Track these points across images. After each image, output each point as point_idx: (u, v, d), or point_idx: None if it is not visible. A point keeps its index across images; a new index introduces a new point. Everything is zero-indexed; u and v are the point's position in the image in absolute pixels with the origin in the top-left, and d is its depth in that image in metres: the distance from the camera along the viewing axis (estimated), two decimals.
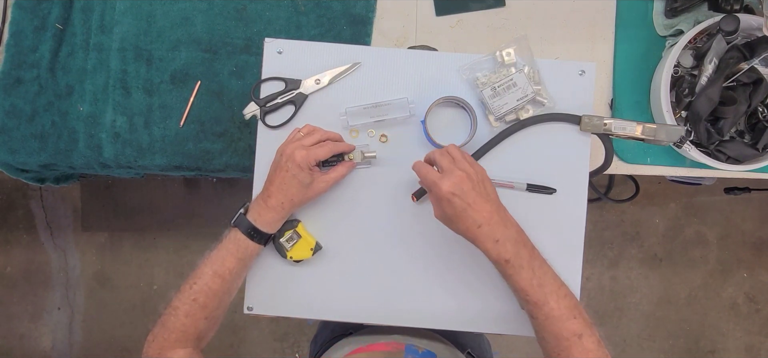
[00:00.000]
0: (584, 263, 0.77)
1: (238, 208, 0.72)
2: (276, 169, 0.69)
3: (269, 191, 0.69)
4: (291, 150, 0.68)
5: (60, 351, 1.96)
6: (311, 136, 0.70)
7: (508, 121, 0.77)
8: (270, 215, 0.69)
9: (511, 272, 0.63)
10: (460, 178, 0.62)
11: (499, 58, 0.77)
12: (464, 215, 0.62)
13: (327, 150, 0.69)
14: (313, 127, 0.73)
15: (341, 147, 0.73)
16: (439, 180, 0.62)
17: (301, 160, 0.67)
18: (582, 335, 0.61)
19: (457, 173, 0.62)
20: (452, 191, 0.61)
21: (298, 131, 0.72)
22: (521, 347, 1.83)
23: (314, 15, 0.96)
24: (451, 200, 0.62)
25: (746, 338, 1.94)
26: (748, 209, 1.94)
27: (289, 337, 1.94)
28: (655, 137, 0.73)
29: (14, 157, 0.97)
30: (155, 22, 0.96)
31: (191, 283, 0.68)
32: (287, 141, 0.72)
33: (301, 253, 0.75)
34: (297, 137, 0.71)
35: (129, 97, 0.96)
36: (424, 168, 0.66)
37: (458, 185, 0.62)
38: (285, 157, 0.68)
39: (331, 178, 0.72)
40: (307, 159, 0.67)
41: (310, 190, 0.71)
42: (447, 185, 0.62)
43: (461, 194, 0.62)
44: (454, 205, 0.62)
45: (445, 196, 0.62)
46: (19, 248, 1.96)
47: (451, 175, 0.62)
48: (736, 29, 0.82)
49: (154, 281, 1.94)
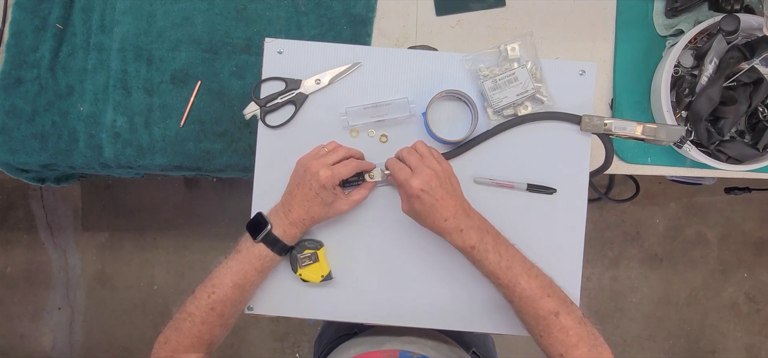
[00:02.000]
0: (584, 263, 0.77)
1: (257, 220, 0.70)
2: (299, 184, 0.69)
3: (291, 206, 0.69)
4: (316, 168, 0.68)
5: (60, 351, 1.96)
6: (335, 154, 0.70)
7: (506, 116, 0.77)
8: (294, 231, 0.70)
9: (479, 258, 0.65)
10: (429, 175, 0.65)
11: (504, 52, 0.77)
12: (432, 210, 0.65)
13: (350, 169, 0.70)
14: (337, 144, 0.73)
15: (364, 165, 0.73)
16: (409, 178, 0.65)
17: (325, 180, 0.67)
18: (558, 313, 0.63)
19: (426, 171, 0.65)
20: (421, 188, 0.64)
21: (322, 148, 0.72)
22: (521, 347, 1.83)
23: (314, 15, 0.96)
24: (420, 197, 0.64)
25: (746, 338, 1.94)
26: (748, 209, 1.94)
27: (290, 337, 1.94)
28: (656, 137, 0.73)
29: (15, 157, 0.97)
30: (155, 22, 0.96)
31: (209, 292, 0.68)
32: (310, 156, 0.71)
33: (312, 276, 0.75)
34: (321, 154, 0.71)
35: (129, 97, 0.96)
36: (395, 165, 0.68)
37: (427, 182, 0.64)
38: (309, 175, 0.68)
39: (354, 200, 0.73)
40: (331, 179, 0.67)
41: (332, 209, 0.71)
42: (417, 182, 0.64)
43: (430, 191, 0.64)
44: (423, 201, 0.65)
45: (414, 193, 0.64)
46: (19, 248, 1.96)
47: (421, 173, 0.65)
48: (737, 29, 0.82)
49: (154, 280, 1.94)
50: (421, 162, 0.66)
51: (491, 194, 0.77)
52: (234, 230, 1.93)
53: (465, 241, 0.65)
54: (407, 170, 0.66)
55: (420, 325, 0.77)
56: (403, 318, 0.77)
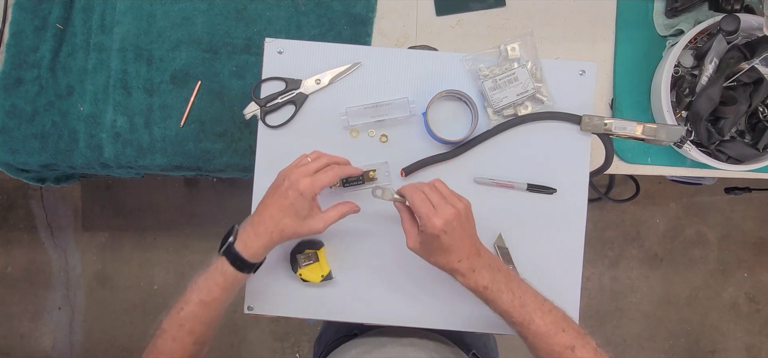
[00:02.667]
0: (584, 263, 0.77)
1: (228, 233, 0.67)
2: (274, 193, 0.65)
3: (262, 216, 0.65)
4: (296, 176, 0.63)
5: (60, 351, 1.96)
6: (318, 162, 0.66)
7: (506, 116, 0.77)
8: (258, 244, 0.64)
9: (492, 297, 0.63)
10: (452, 214, 0.62)
11: (504, 52, 0.77)
12: (449, 251, 0.62)
13: (332, 176, 0.65)
14: (321, 152, 0.69)
15: (349, 170, 0.69)
16: (431, 215, 0.61)
17: (305, 188, 0.63)
18: (574, 347, 0.61)
19: (449, 210, 0.62)
20: (443, 229, 0.61)
21: (306, 157, 0.68)
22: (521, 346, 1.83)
23: (314, 15, 0.96)
24: (439, 237, 0.61)
25: (747, 338, 1.94)
26: (748, 209, 1.94)
27: (290, 337, 1.94)
28: (656, 137, 0.73)
29: (15, 157, 0.97)
30: (156, 22, 0.96)
31: (178, 308, 0.65)
32: (292, 165, 0.67)
33: (312, 276, 0.75)
34: (303, 162, 0.67)
35: (129, 97, 0.96)
36: (418, 196, 0.63)
37: (450, 222, 0.61)
38: (287, 183, 0.63)
39: (329, 218, 0.67)
40: (311, 188, 0.63)
41: (305, 225, 0.65)
42: (440, 222, 0.61)
43: (451, 231, 0.61)
44: (442, 241, 0.61)
45: (436, 232, 0.61)
46: (19, 248, 1.96)
47: (444, 212, 0.61)
48: (737, 29, 0.82)
49: (154, 280, 1.94)
50: (444, 200, 0.63)
51: (491, 194, 0.77)
52: None
53: (478, 282, 0.63)
54: (430, 206, 0.62)
55: (420, 325, 0.77)
56: (404, 318, 0.77)
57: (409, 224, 0.66)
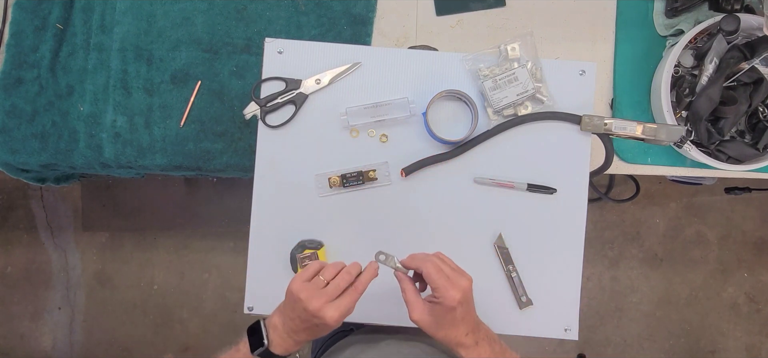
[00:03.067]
0: (584, 263, 0.77)
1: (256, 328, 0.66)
2: (303, 320, 0.62)
3: (295, 329, 0.64)
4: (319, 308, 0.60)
5: (61, 351, 1.96)
6: (336, 287, 0.62)
7: (506, 115, 0.77)
8: (296, 348, 0.66)
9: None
10: (466, 288, 0.61)
11: (504, 52, 0.77)
12: (460, 324, 0.62)
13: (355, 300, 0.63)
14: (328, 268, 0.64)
15: (367, 282, 0.64)
16: (450, 288, 0.60)
17: (336, 321, 0.61)
18: None
19: (463, 283, 0.61)
20: (460, 301, 0.60)
21: (318, 276, 0.63)
22: (521, 347, 1.83)
23: (315, 15, 0.96)
24: (456, 309, 0.60)
25: (747, 338, 1.94)
26: (748, 209, 1.94)
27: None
28: (656, 137, 0.73)
29: (15, 157, 0.97)
30: (156, 22, 0.96)
31: None
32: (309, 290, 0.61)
33: None
34: (317, 283, 0.62)
35: (129, 97, 0.96)
36: (433, 267, 0.62)
37: (465, 294, 0.61)
38: (311, 314, 0.60)
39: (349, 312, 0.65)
40: (340, 319, 0.61)
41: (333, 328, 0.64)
42: (458, 295, 0.60)
43: (465, 304, 0.61)
44: (456, 314, 0.61)
45: (453, 304, 0.60)
46: (19, 248, 1.96)
47: (458, 285, 0.61)
48: (737, 29, 0.82)
49: (154, 280, 1.94)
50: (456, 273, 0.62)
51: (491, 194, 0.77)
52: (234, 229, 1.93)
53: (480, 354, 0.63)
54: (446, 278, 0.61)
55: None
56: (404, 318, 0.77)
57: (413, 295, 0.63)
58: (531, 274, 0.78)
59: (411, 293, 0.64)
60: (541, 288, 0.78)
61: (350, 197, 0.77)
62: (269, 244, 0.78)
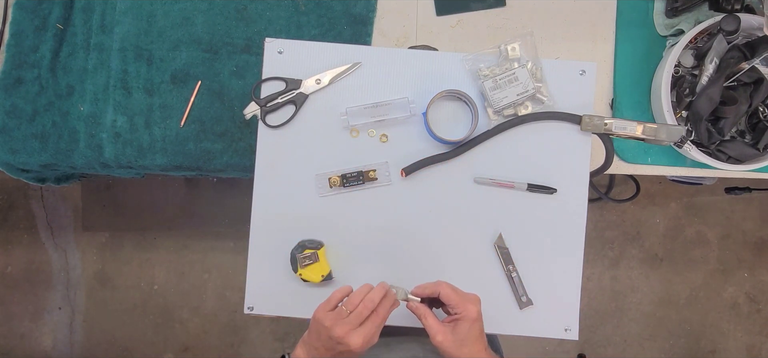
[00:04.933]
0: (585, 263, 0.77)
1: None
2: (328, 348, 0.64)
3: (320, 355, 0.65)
4: (343, 336, 0.62)
5: (61, 351, 1.96)
6: (359, 315, 0.63)
7: (506, 115, 0.77)
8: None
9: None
10: (479, 302, 0.66)
11: (504, 52, 0.77)
12: (480, 338, 0.65)
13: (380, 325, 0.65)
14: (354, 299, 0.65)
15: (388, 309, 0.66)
16: (468, 302, 0.64)
17: (360, 349, 0.63)
18: None
19: (476, 298, 0.66)
20: (479, 312, 0.65)
21: (342, 307, 0.64)
22: (521, 347, 1.83)
23: (315, 15, 0.96)
24: (477, 321, 0.64)
25: (747, 338, 1.94)
26: (748, 209, 1.94)
27: (290, 337, 1.94)
28: (656, 137, 0.73)
29: (15, 157, 0.97)
30: (156, 22, 0.96)
31: None
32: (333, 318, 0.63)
33: (312, 276, 0.75)
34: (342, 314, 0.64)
35: (130, 97, 0.96)
36: (450, 288, 0.66)
37: (479, 308, 0.65)
38: (338, 344, 0.62)
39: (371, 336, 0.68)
40: (365, 347, 0.63)
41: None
42: (476, 307, 0.64)
43: (481, 318, 0.65)
44: (478, 327, 0.64)
45: (475, 316, 0.64)
46: (19, 248, 1.96)
47: (473, 301, 0.65)
48: (737, 29, 0.82)
49: (154, 280, 1.94)
50: (465, 293, 0.66)
51: (491, 194, 0.77)
52: (234, 229, 1.93)
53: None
54: (462, 293, 0.66)
55: (417, 324, 0.77)
56: (404, 318, 0.77)
57: (433, 319, 0.65)
58: (531, 274, 0.78)
59: (431, 318, 0.66)
60: (541, 288, 0.78)
61: (350, 197, 0.77)
62: (269, 244, 0.78)
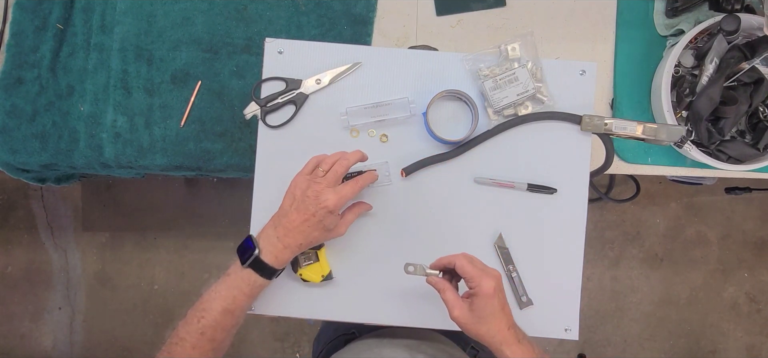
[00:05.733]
0: (585, 263, 0.77)
1: (246, 244, 0.68)
2: (298, 209, 0.65)
3: (287, 229, 0.66)
4: (318, 193, 0.64)
5: (61, 351, 1.96)
6: (335, 174, 0.66)
7: (506, 115, 0.77)
8: (286, 255, 0.67)
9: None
10: (498, 277, 0.62)
11: (504, 52, 0.77)
12: (500, 315, 0.61)
13: (357, 190, 0.66)
14: (331, 159, 0.67)
15: (368, 179, 0.69)
16: (485, 276, 0.61)
17: (334, 206, 0.63)
18: None
19: (495, 273, 0.62)
20: (496, 288, 0.60)
21: (318, 167, 0.67)
22: None
23: (315, 15, 0.96)
24: (494, 296, 0.60)
25: (747, 338, 1.94)
26: (749, 209, 1.94)
27: (290, 337, 1.94)
28: (656, 137, 0.73)
29: (15, 157, 0.97)
30: (156, 22, 0.96)
31: (199, 316, 0.66)
32: (308, 178, 0.66)
33: (312, 275, 0.75)
34: (317, 174, 0.66)
35: (130, 97, 0.96)
36: (462, 258, 0.63)
37: (499, 283, 0.61)
38: (311, 200, 0.64)
39: (349, 220, 0.71)
40: (339, 205, 0.64)
41: (332, 233, 0.69)
42: (492, 281, 0.60)
43: (500, 292, 0.61)
44: (495, 302, 0.60)
45: (490, 292, 0.60)
46: (20, 248, 1.96)
47: (492, 274, 0.61)
48: (737, 29, 0.82)
49: (154, 280, 1.94)
50: (485, 266, 0.63)
51: (492, 194, 0.77)
52: (234, 229, 1.93)
53: (524, 352, 0.61)
54: (479, 266, 0.62)
55: (421, 325, 0.77)
56: (404, 318, 0.77)
57: (452, 293, 0.63)
58: (531, 274, 0.78)
59: (450, 292, 0.63)
60: (541, 288, 0.78)
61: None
62: None
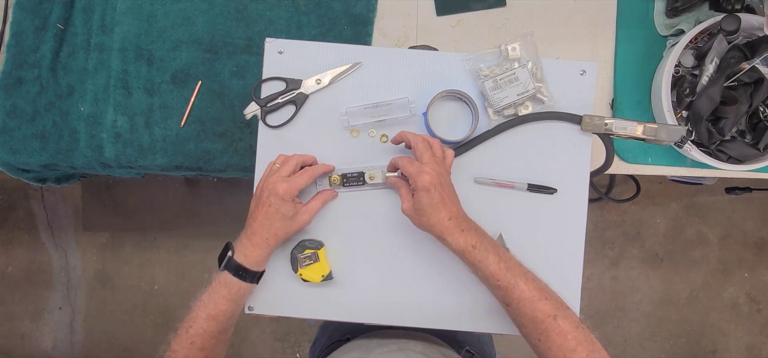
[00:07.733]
0: (585, 263, 0.77)
1: (225, 249, 0.71)
2: (258, 205, 0.69)
3: (253, 228, 0.69)
4: (272, 184, 0.68)
5: (61, 351, 1.96)
6: (287, 165, 0.70)
7: (506, 115, 0.77)
8: (257, 253, 0.69)
9: (480, 258, 0.65)
10: (440, 172, 0.66)
11: (504, 52, 0.77)
12: (439, 207, 0.65)
13: (307, 178, 0.70)
14: (287, 155, 0.73)
15: (321, 169, 0.73)
16: (421, 172, 0.65)
17: (284, 192, 0.67)
18: (556, 316, 0.62)
19: (436, 168, 0.66)
20: (433, 182, 0.64)
21: (273, 164, 0.72)
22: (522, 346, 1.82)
23: (315, 15, 0.96)
24: (429, 191, 0.64)
25: (747, 338, 1.94)
26: (749, 209, 1.94)
27: (290, 337, 1.94)
28: (656, 137, 0.73)
29: (15, 157, 0.97)
30: (156, 22, 0.96)
31: (187, 327, 0.67)
32: (265, 176, 0.72)
33: (312, 275, 0.75)
34: (273, 170, 0.71)
35: (130, 97, 0.96)
36: (405, 159, 0.68)
37: (437, 178, 0.65)
38: (266, 192, 0.68)
39: (313, 207, 0.73)
40: (289, 191, 0.67)
41: (294, 222, 0.71)
42: (428, 177, 0.64)
43: (439, 187, 0.65)
44: (432, 196, 0.64)
45: (425, 186, 0.64)
46: (20, 248, 1.96)
47: (432, 169, 0.65)
48: (737, 29, 0.82)
49: (154, 280, 1.94)
50: (433, 160, 0.67)
51: (492, 194, 0.77)
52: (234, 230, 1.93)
53: (467, 240, 0.65)
54: (417, 164, 0.67)
55: (414, 325, 0.77)
56: (404, 318, 0.77)
57: (405, 189, 0.69)
58: None
59: (404, 188, 0.70)
60: None
61: (350, 197, 0.77)
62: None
